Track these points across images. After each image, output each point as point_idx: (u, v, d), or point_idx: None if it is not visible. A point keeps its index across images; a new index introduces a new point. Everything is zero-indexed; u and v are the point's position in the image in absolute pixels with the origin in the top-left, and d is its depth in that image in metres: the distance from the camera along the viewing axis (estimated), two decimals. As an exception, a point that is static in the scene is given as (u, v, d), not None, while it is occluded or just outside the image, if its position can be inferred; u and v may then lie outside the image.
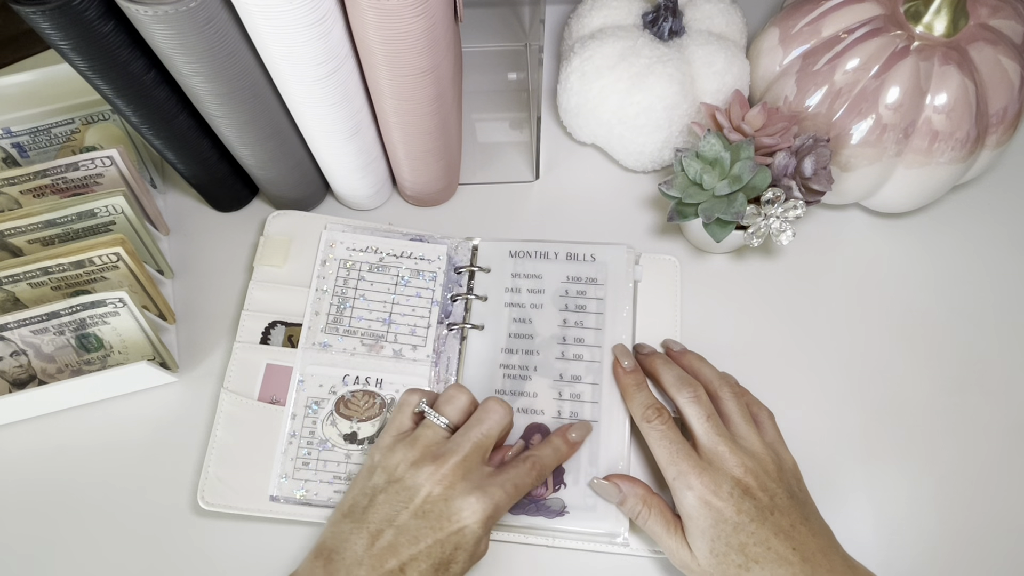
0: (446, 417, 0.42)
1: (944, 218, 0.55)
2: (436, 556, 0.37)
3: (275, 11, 0.35)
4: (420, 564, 0.37)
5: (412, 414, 0.43)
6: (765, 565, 0.38)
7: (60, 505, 0.46)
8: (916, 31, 0.47)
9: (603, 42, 0.51)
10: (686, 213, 0.48)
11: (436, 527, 0.38)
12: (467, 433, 0.41)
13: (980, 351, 0.51)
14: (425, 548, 0.37)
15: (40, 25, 0.35)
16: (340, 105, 0.43)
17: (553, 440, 0.44)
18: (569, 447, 0.44)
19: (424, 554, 0.37)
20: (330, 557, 0.38)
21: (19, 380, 0.46)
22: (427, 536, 0.38)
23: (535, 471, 0.42)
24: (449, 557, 0.38)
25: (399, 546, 0.37)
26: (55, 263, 0.44)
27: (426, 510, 0.38)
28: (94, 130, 0.51)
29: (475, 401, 0.43)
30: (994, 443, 0.48)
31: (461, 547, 0.38)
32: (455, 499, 0.38)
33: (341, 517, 0.39)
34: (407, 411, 0.43)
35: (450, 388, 0.44)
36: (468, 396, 0.43)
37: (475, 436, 0.41)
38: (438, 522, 0.38)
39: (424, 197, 0.54)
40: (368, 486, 0.40)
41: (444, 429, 0.42)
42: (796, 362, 0.50)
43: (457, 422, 0.42)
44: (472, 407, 0.43)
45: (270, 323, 0.49)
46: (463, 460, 0.40)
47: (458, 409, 0.42)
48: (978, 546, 0.45)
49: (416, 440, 0.41)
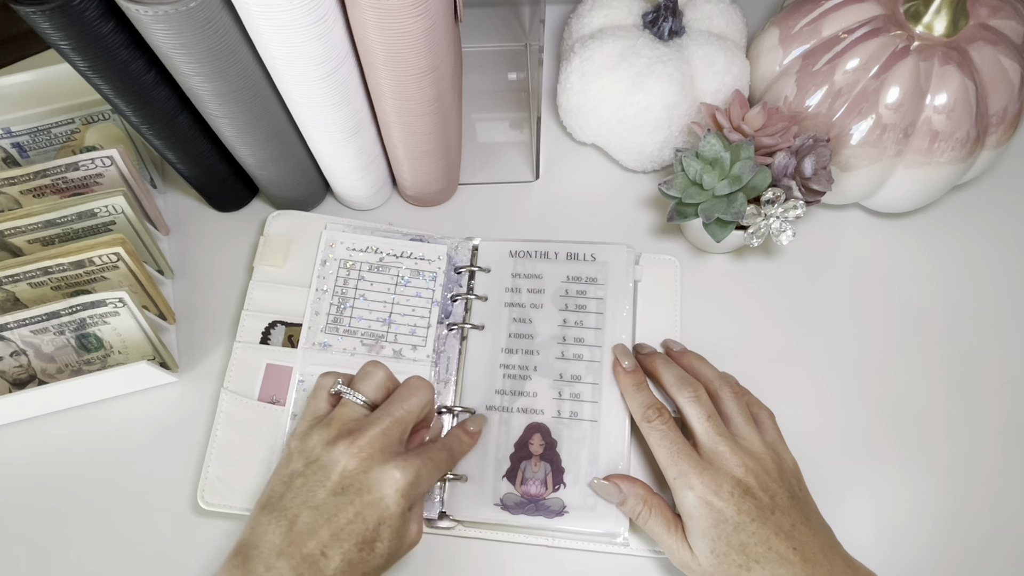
0: (363, 394, 0.41)
1: (944, 218, 0.55)
2: (358, 532, 0.36)
3: (275, 11, 0.35)
4: (343, 544, 0.35)
5: (328, 396, 0.42)
6: (766, 565, 0.38)
7: (60, 505, 0.46)
8: (916, 31, 0.47)
9: (603, 42, 0.51)
10: (686, 213, 0.48)
11: (355, 500, 0.36)
12: (387, 408, 0.40)
13: (980, 351, 0.51)
14: (345, 523, 0.36)
15: (40, 25, 0.35)
16: (340, 105, 0.43)
17: (454, 431, 0.44)
18: (470, 437, 0.45)
19: (345, 531, 0.36)
20: (247, 554, 0.36)
21: (19, 380, 0.46)
22: (346, 510, 0.36)
23: (446, 452, 0.42)
24: (373, 534, 0.36)
25: (317, 527, 0.36)
26: (55, 263, 0.44)
27: (344, 486, 0.37)
28: (94, 130, 0.51)
29: (393, 377, 0.42)
30: (995, 443, 0.48)
31: (384, 521, 0.37)
32: (373, 470, 0.37)
33: (259, 510, 0.38)
34: (322, 395, 0.42)
35: (367, 364, 0.42)
36: (385, 372, 0.42)
37: (396, 412, 0.40)
38: (357, 495, 0.36)
39: (424, 197, 0.54)
40: (285, 473, 0.39)
41: (362, 406, 0.40)
42: (796, 362, 0.50)
43: (375, 399, 0.41)
44: (390, 383, 0.42)
45: (270, 323, 0.49)
46: (381, 434, 0.38)
47: (375, 385, 0.41)
48: (978, 546, 0.45)
49: (332, 420, 0.40)
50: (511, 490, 0.45)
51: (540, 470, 0.45)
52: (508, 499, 0.45)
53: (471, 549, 0.45)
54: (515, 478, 0.45)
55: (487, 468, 0.45)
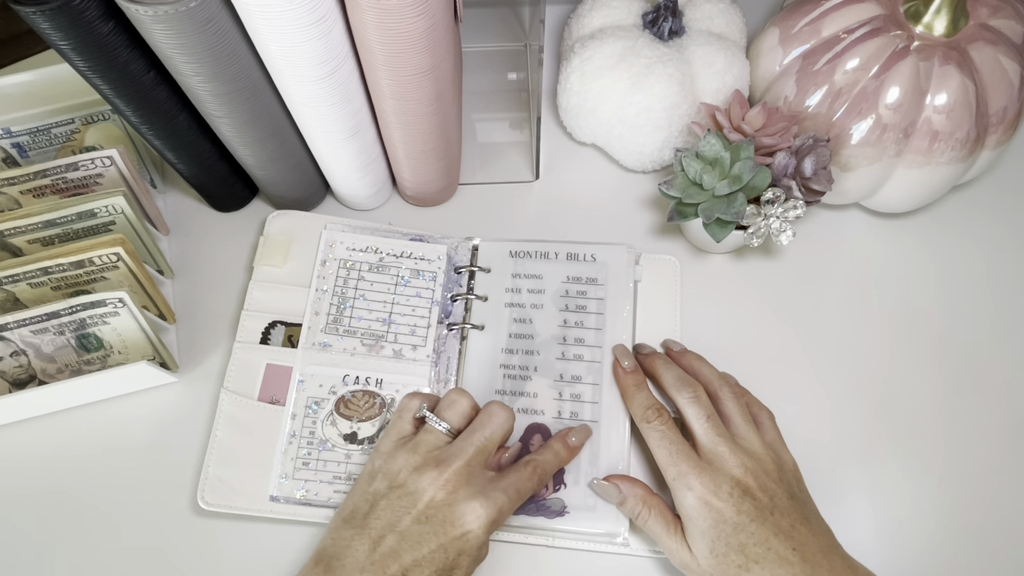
0: (447, 422, 0.42)
1: (944, 218, 0.55)
2: (439, 562, 0.37)
3: (275, 11, 0.35)
4: (423, 569, 0.37)
5: (413, 419, 0.43)
6: (765, 565, 0.38)
7: (60, 505, 0.46)
8: (916, 31, 0.47)
9: (603, 42, 0.51)
10: (686, 213, 0.48)
11: (439, 532, 0.37)
12: (470, 438, 0.41)
13: (980, 351, 0.51)
14: (428, 553, 0.37)
15: (40, 25, 0.35)
16: (340, 105, 0.43)
17: (553, 445, 0.44)
18: (569, 451, 0.44)
19: (427, 559, 0.37)
20: (330, 564, 0.37)
21: (19, 380, 0.46)
22: (430, 541, 0.37)
23: (536, 476, 0.42)
24: (452, 563, 0.37)
25: (401, 552, 0.37)
26: (55, 263, 0.44)
27: (429, 515, 0.38)
28: (94, 130, 0.51)
29: (476, 406, 0.43)
30: (994, 443, 0.48)
31: (464, 552, 0.38)
32: (458, 504, 0.38)
33: (341, 523, 0.39)
34: (407, 416, 0.43)
35: (451, 392, 0.43)
36: (470, 400, 0.43)
37: (478, 441, 0.41)
38: (441, 527, 0.38)
39: (424, 197, 0.54)
40: (369, 492, 0.40)
41: (446, 434, 0.41)
42: (796, 362, 0.50)
43: (459, 427, 0.42)
44: (473, 412, 0.43)
45: (270, 323, 0.49)
46: (466, 465, 0.39)
47: (460, 414, 0.42)
48: (978, 546, 0.45)
49: (418, 445, 0.41)
50: (511, 490, 0.45)
51: (540, 470, 0.45)
52: (508, 499, 0.45)
53: (471, 549, 0.45)
54: (515, 478, 0.45)
55: None
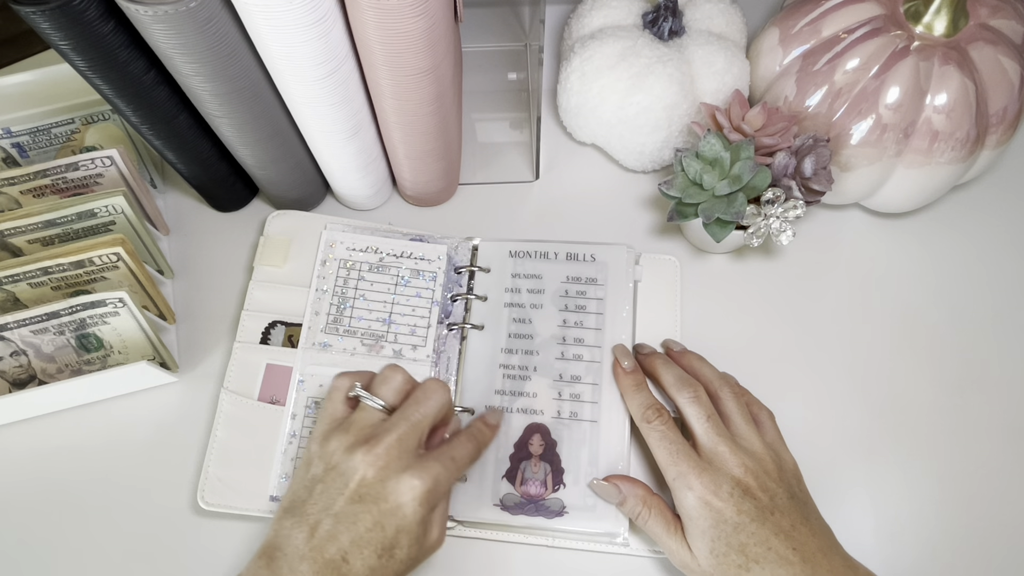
0: (382, 398, 0.40)
1: (944, 218, 0.55)
2: (377, 540, 0.36)
3: (275, 11, 0.35)
4: (362, 550, 0.36)
5: (346, 399, 0.42)
6: (765, 565, 0.38)
7: (60, 505, 0.46)
8: (916, 31, 0.47)
9: (603, 42, 0.51)
10: (686, 213, 0.48)
11: (373, 509, 0.37)
12: (403, 412, 0.40)
13: (980, 351, 0.51)
14: (365, 532, 0.36)
15: (40, 25, 0.35)
16: (340, 105, 0.43)
17: (475, 423, 0.44)
18: (491, 429, 0.44)
19: (364, 539, 0.36)
20: (272, 555, 0.36)
21: (19, 380, 0.46)
22: (365, 519, 0.36)
23: (470, 445, 0.41)
24: (392, 541, 0.37)
25: (338, 533, 0.36)
26: (55, 263, 0.44)
27: (362, 494, 0.37)
28: (94, 130, 0.51)
29: (412, 380, 0.42)
30: (994, 443, 0.48)
31: (403, 529, 0.37)
32: (390, 479, 0.37)
33: (283, 513, 0.38)
34: (339, 396, 0.42)
35: (385, 368, 0.42)
36: (404, 375, 0.42)
37: (412, 416, 0.39)
38: (375, 504, 0.37)
39: (424, 197, 0.54)
40: (307, 478, 0.39)
41: (380, 411, 0.40)
42: (796, 362, 0.50)
43: (394, 403, 0.41)
44: (408, 386, 0.42)
45: (270, 323, 0.49)
46: (398, 440, 0.38)
47: (394, 390, 0.41)
48: (978, 546, 0.45)
49: (351, 425, 0.40)
50: (511, 490, 0.45)
51: (540, 470, 0.45)
52: (508, 499, 0.45)
53: (471, 549, 0.45)
54: (515, 478, 0.45)
55: (487, 468, 0.45)
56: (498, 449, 0.46)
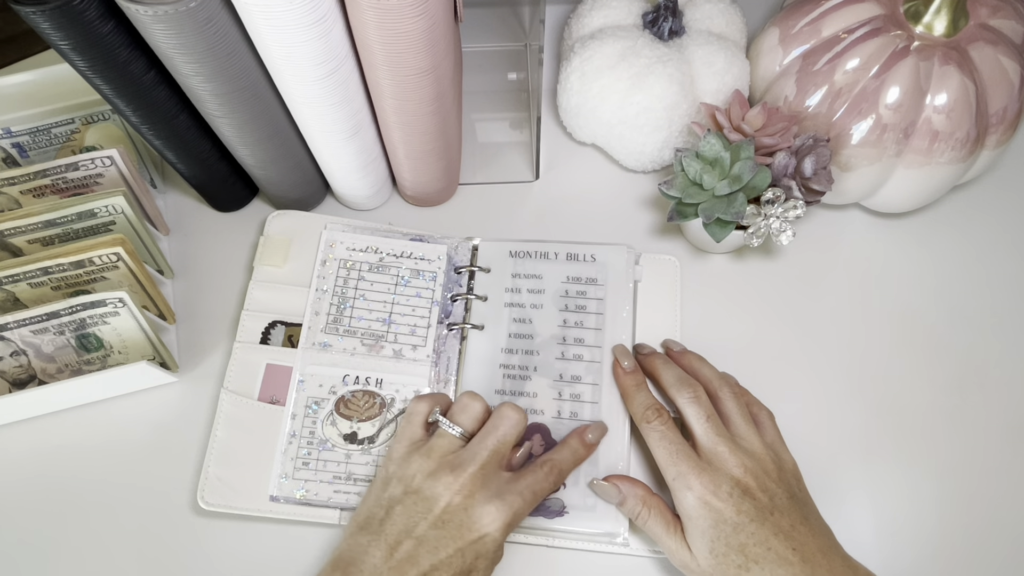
0: (460, 426, 0.41)
1: (944, 218, 0.55)
2: (457, 566, 0.37)
3: (275, 11, 0.35)
4: (441, 573, 0.37)
5: (424, 423, 0.43)
6: (765, 565, 0.38)
7: (60, 505, 0.46)
8: (916, 31, 0.47)
9: (603, 42, 0.51)
10: (686, 213, 0.48)
11: (457, 536, 0.37)
12: (483, 441, 0.41)
13: (980, 351, 0.51)
14: (446, 558, 0.37)
15: (40, 25, 0.35)
16: (340, 105, 0.43)
17: (570, 442, 0.44)
18: (587, 449, 0.44)
19: (445, 564, 0.37)
20: (347, 570, 0.37)
21: (19, 380, 0.47)
22: (448, 546, 0.37)
23: (552, 475, 0.41)
24: (470, 566, 0.37)
25: (419, 556, 0.37)
26: (55, 263, 0.44)
27: (445, 520, 0.38)
28: (94, 130, 0.51)
29: (488, 408, 0.43)
30: (994, 443, 0.48)
31: (482, 555, 0.38)
32: (475, 508, 0.38)
33: (357, 529, 0.39)
34: (418, 420, 0.43)
35: (463, 396, 0.43)
36: (482, 404, 0.43)
37: (492, 443, 0.40)
38: (458, 531, 0.38)
39: (424, 197, 0.54)
40: (384, 497, 0.40)
41: (459, 438, 0.41)
42: (796, 362, 0.50)
43: (472, 430, 0.42)
44: (486, 414, 0.43)
45: (270, 323, 0.49)
46: (481, 469, 0.39)
47: (472, 417, 0.42)
48: (978, 546, 0.45)
49: (432, 450, 0.40)
50: (511, 490, 0.45)
51: (540, 470, 0.45)
52: (508, 499, 0.45)
53: (471, 549, 0.45)
54: (515, 478, 0.45)
55: None
56: (498, 449, 0.46)
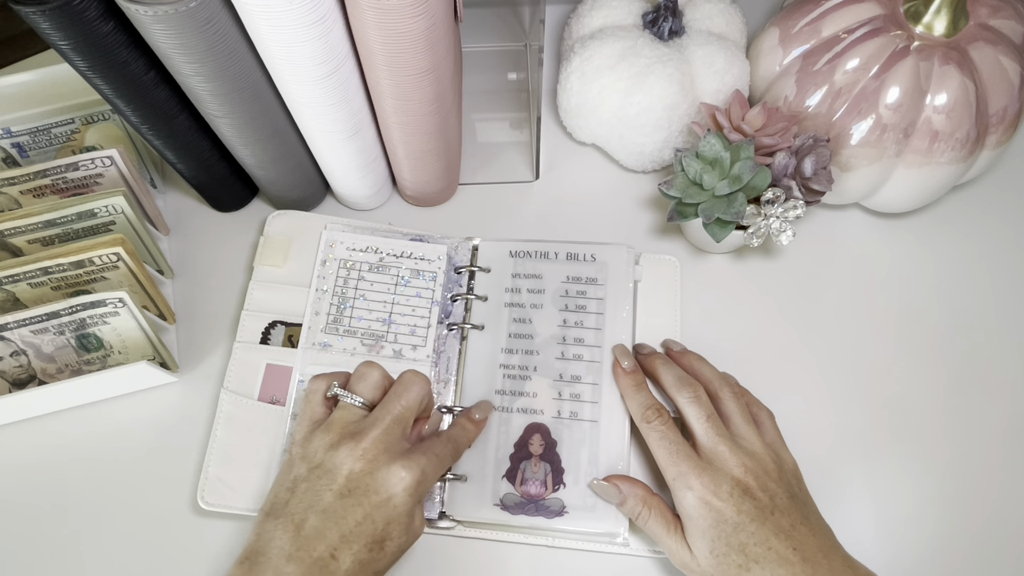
0: (360, 396, 0.41)
1: (944, 218, 0.55)
2: (368, 533, 0.36)
3: (275, 11, 0.35)
4: (352, 545, 0.35)
5: (324, 399, 0.42)
6: (765, 565, 0.38)
7: (60, 505, 0.46)
8: (916, 31, 0.47)
9: (603, 42, 0.51)
10: (686, 213, 0.48)
11: (363, 502, 0.36)
12: (385, 407, 0.40)
13: (980, 351, 0.51)
14: (354, 526, 0.36)
15: (40, 25, 0.35)
16: (340, 105, 0.43)
17: (459, 420, 0.45)
18: (476, 425, 0.45)
19: (354, 533, 0.36)
20: (255, 560, 0.35)
21: (19, 380, 0.46)
22: (355, 512, 0.36)
23: (451, 445, 0.42)
24: (383, 533, 0.36)
25: (326, 530, 0.35)
26: (55, 263, 0.44)
27: (351, 488, 0.37)
28: (94, 130, 0.51)
29: (388, 376, 0.42)
30: (995, 443, 0.48)
31: (393, 520, 0.37)
32: (379, 471, 0.37)
33: (264, 517, 0.38)
34: (317, 398, 0.42)
35: (360, 365, 0.42)
36: (380, 371, 0.42)
37: (394, 409, 0.40)
38: (364, 496, 0.36)
39: (424, 197, 0.54)
40: (288, 479, 0.39)
41: (360, 408, 0.40)
42: (796, 362, 0.50)
43: (373, 399, 0.41)
44: (386, 382, 0.42)
45: (270, 323, 0.49)
46: (383, 433, 0.38)
47: (372, 386, 0.41)
48: (979, 546, 0.45)
49: (332, 423, 0.40)
50: (511, 490, 0.45)
51: (540, 470, 0.45)
52: (508, 499, 0.45)
53: (471, 549, 0.45)
54: (515, 478, 0.45)
55: (487, 468, 0.45)
56: (498, 449, 0.46)
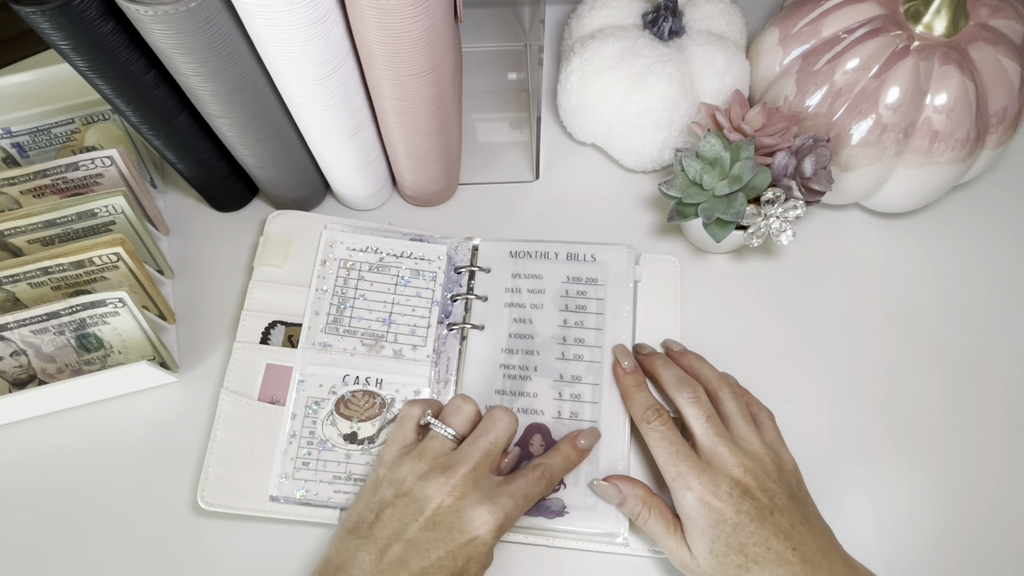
0: (452, 428, 0.41)
1: (944, 218, 0.55)
2: (448, 568, 0.37)
3: (275, 11, 0.35)
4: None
5: (416, 426, 0.43)
6: (765, 565, 0.38)
7: (60, 505, 0.46)
8: (916, 31, 0.47)
9: (603, 42, 0.51)
10: (686, 213, 0.48)
11: (447, 539, 0.37)
12: (475, 443, 0.40)
13: (980, 351, 0.51)
14: (437, 560, 0.37)
15: (40, 25, 0.35)
16: (340, 105, 0.43)
17: (562, 448, 0.44)
18: (579, 454, 0.44)
19: (436, 567, 0.36)
20: (336, 575, 0.37)
21: (19, 380, 0.47)
22: (438, 548, 0.37)
23: (544, 479, 0.41)
24: (462, 569, 0.37)
25: (409, 559, 0.36)
26: (55, 263, 0.44)
27: (436, 522, 0.38)
28: (94, 130, 0.51)
29: (479, 411, 0.43)
30: (994, 443, 0.48)
31: (473, 558, 0.38)
32: (466, 510, 0.38)
33: (346, 533, 0.39)
34: (410, 423, 0.43)
35: (455, 399, 0.43)
36: (473, 406, 0.43)
37: (483, 446, 0.40)
38: (449, 534, 0.37)
39: (424, 197, 0.54)
40: (374, 501, 0.39)
41: (451, 440, 0.41)
42: (796, 362, 0.50)
43: (463, 433, 0.42)
44: (478, 417, 0.43)
45: (270, 323, 0.49)
46: (472, 471, 0.39)
47: (464, 420, 0.42)
48: (978, 546, 0.45)
49: (423, 452, 0.40)
50: (511, 490, 0.45)
51: (540, 470, 0.45)
52: (508, 499, 0.45)
53: (471, 549, 0.45)
54: (515, 478, 0.45)
55: None
56: (498, 449, 0.46)
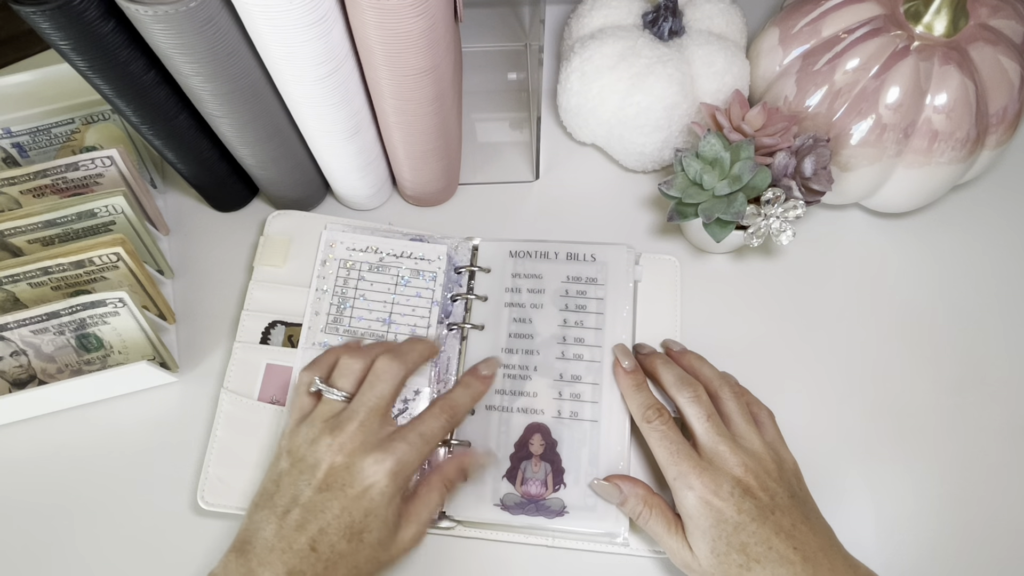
0: (341, 389, 0.41)
1: (944, 218, 0.55)
2: (345, 524, 0.37)
3: (275, 11, 0.35)
4: (329, 536, 0.37)
5: (309, 393, 0.43)
6: (766, 565, 0.38)
7: (60, 505, 0.46)
8: (916, 31, 0.47)
9: (603, 42, 0.51)
10: (686, 213, 0.48)
11: (340, 495, 0.38)
12: (360, 398, 0.41)
13: (980, 351, 0.51)
14: (332, 518, 0.37)
15: (40, 25, 0.35)
16: (340, 105, 0.43)
17: (464, 378, 0.44)
18: (482, 382, 0.44)
19: (332, 525, 0.37)
20: (243, 548, 0.38)
21: (19, 380, 0.46)
22: (332, 506, 0.37)
23: (445, 415, 0.42)
24: (361, 524, 0.37)
25: (307, 522, 0.37)
26: (55, 263, 0.44)
27: (329, 483, 0.38)
28: (94, 130, 0.51)
29: (369, 365, 0.43)
30: (995, 442, 0.48)
31: (371, 511, 0.38)
32: (355, 463, 0.38)
33: (253, 508, 0.40)
34: (303, 391, 0.43)
35: (342, 358, 0.43)
36: (362, 362, 0.42)
37: (368, 401, 0.40)
38: (342, 491, 0.38)
39: (424, 197, 0.54)
40: (275, 472, 0.40)
41: (341, 401, 0.41)
42: (796, 362, 0.50)
43: (353, 391, 0.42)
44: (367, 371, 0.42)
45: (270, 323, 0.49)
46: (360, 426, 0.39)
47: (353, 378, 0.42)
48: (979, 546, 0.45)
49: (315, 417, 0.41)
50: (511, 490, 0.45)
51: (540, 470, 0.45)
52: (508, 499, 0.45)
53: (471, 549, 0.45)
54: (515, 478, 0.45)
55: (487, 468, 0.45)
56: (498, 449, 0.46)
